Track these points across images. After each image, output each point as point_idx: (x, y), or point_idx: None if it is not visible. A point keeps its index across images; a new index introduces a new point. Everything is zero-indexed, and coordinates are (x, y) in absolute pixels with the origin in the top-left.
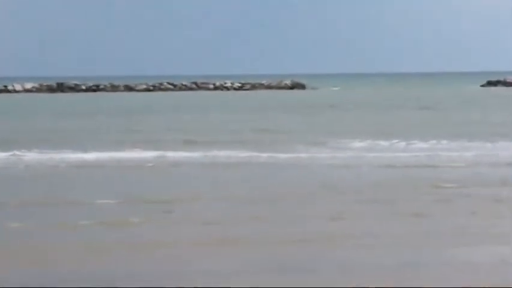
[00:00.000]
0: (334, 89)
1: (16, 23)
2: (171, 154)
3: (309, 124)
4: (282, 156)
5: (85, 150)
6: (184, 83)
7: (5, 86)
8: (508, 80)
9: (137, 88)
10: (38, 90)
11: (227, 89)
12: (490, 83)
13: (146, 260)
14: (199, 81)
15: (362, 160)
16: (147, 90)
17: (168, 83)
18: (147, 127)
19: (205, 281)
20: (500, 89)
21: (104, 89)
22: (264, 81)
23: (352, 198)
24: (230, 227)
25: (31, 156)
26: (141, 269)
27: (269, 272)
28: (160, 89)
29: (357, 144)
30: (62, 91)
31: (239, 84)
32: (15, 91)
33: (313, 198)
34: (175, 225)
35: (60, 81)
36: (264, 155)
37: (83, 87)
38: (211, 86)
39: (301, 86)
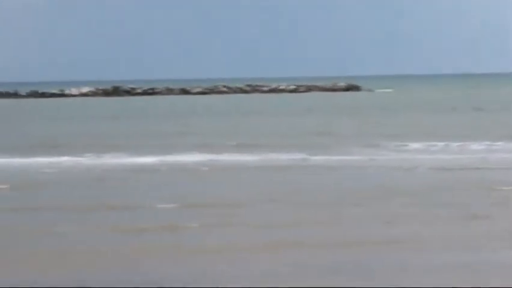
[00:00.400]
0: (387, 90)
1: (74, 28)
2: (226, 157)
3: (364, 126)
4: (337, 158)
5: (140, 154)
6: (239, 86)
7: (62, 90)
8: None
9: (192, 91)
10: (94, 94)
11: (282, 91)
12: None
13: (203, 263)
14: (253, 84)
15: (417, 162)
16: (202, 93)
17: (223, 86)
18: (202, 130)
19: (261, 283)
20: None
21: (159, 93)
22: (318, 83)
23: (408, 200)
24: (285, 230)
25: (87, 160)
26: (197, 272)
27: (325, 275)
28: (215, 92)
29: (412, 145)
30: (118, 95)
31: (294, 87)
32: (71, 95)
33: (369, 200)
34: (232, 229)
35: (116, 84)
36: (319, 157)
37: (139, 91)
38: (266, 89)
39: (356, 88)
